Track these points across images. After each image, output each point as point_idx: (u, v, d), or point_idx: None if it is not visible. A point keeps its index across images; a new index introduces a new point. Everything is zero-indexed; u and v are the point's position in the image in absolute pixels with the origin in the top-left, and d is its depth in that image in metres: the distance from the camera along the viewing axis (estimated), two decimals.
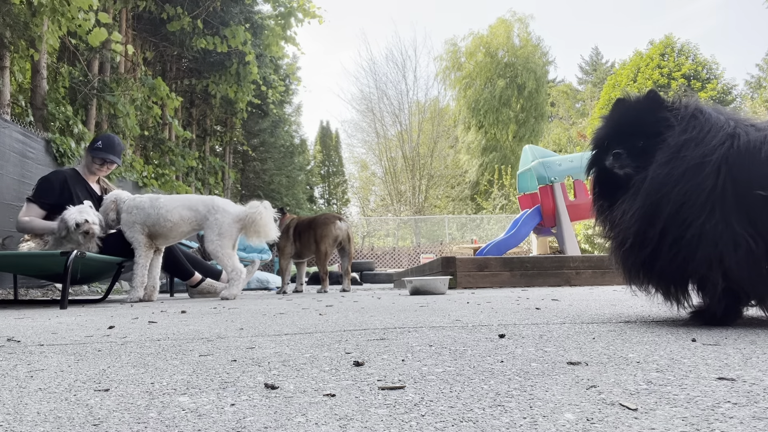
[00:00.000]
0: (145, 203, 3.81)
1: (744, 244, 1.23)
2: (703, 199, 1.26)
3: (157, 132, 11.29)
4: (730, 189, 1.26)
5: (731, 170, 1.27)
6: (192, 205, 3.83)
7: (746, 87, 28.46)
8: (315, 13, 10.71)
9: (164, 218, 3.75)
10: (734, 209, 1.25)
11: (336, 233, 4.84)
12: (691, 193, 1.28)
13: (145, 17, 10.54)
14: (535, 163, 6.95)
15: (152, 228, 3.77)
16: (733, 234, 1.24)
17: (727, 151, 1.28)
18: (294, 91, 21.95)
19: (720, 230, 1.25)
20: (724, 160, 1.27)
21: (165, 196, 3.95)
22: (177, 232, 3.84)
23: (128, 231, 3.77)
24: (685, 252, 1.30)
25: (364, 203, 36.02)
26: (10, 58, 6.28)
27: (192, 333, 1.53)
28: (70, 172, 4.19)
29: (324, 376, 0.87)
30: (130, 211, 3.78)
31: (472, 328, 1.47)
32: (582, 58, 49.64)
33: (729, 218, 1.24)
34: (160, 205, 3.78)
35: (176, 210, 3.78)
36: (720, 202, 1.26)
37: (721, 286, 1.29)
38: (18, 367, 1.04)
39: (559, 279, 4.66)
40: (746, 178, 1.26)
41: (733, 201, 1.25)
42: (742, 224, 1.24)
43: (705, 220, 1.25)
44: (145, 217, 3.75)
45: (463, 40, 28.89)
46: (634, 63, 21.07)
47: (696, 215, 1.27)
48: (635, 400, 0.67)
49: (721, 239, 1.24)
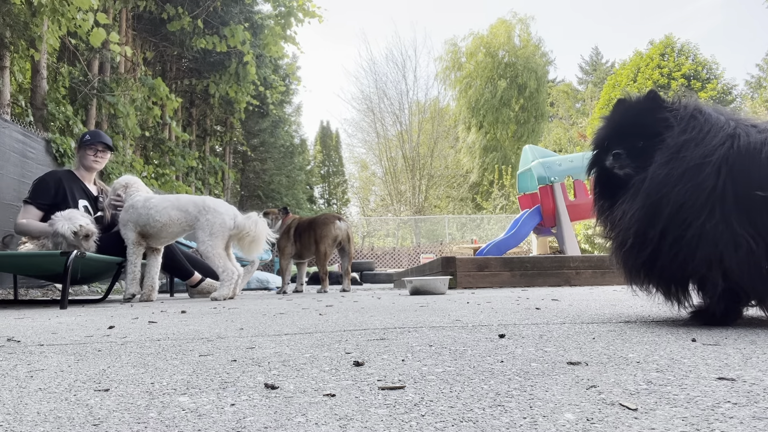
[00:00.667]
0: (139, 203, 3.81)
1: (744, 245, 1.23)
2: (703, 199, 1.26)
3: (157, 132, 11.30)
4: (731, 189, 1.26)
5: (731, 171, 1.26)
6: (182, 206, 3.80)
7: (746, 87, 28.47)
8: (315, 12, 10.73)
9: (154, 219, 3.74)
10: (734, 210, 1.25)
11: (336, 233, 4.84)
12: (691, 194, 1.28)
13: (145, 17, 10.55)
14: (535, 163, 6.95)
15: (143, 228, 3.77)
16: (733, 234, 1.24)
17: (728, 151, 1.28)
18: (294, 91, 21.97)
19: (720, 230, 1.24)
20: (724, 161, 1.27)
21: (157, 197, 3.94)
22: (167, 233, 3.83)
23: (122, 228, 3.79)
24: (685, 252, 1.30)
25: (364, 203, 36.03)
26: (10, 58, 6.28)
27: (192, 333, 1.53)
28: (65, 172, 4.18)
29: (324, 376, 0.87)
30: (127, 210, 3.79)
31: (472, 328, 1.47)
32: (582, 58, 49.63)
33: (729, 218, 1.24)
34: (151, 206, 3.78)
35: (165, 211, 3.75)
36: (720, 203, 1.25)
37: (721, 286, 1.29)
38: (18, 367, 1.04)
39: (559, 279, 4.66)
40: (746, 179, 1.26)
41: (733, 201, 1.25)
42: (742, 225, 1.24)
43: (705, 221, 1.25)
44: (137, 216, 3.76)
45: (464, 40, 28.93)
46: (634, 63, 21.08)
47: (696, 215, 1.27)
48: (635, 400, 0.67)
49: (721, 239, 1.24)
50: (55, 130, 6.65)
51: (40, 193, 3.88)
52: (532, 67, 26.80)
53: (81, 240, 3.42)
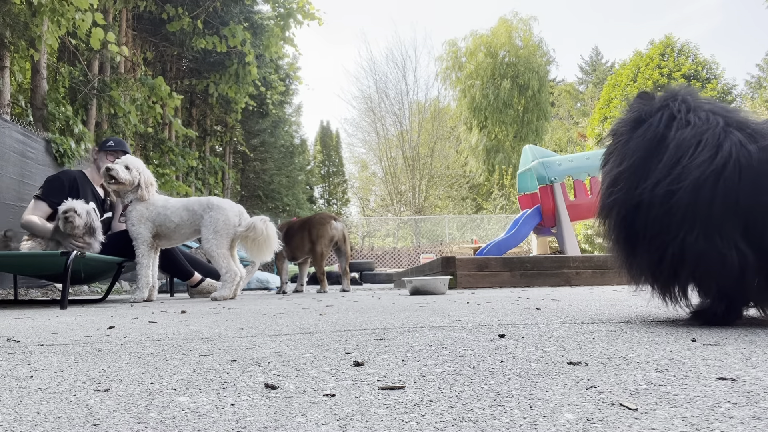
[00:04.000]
0: (159, 202, 3.83)
1: (730, 260, 1.22)
2: (679, 215, 1.26)
3: (158, 132, 11.29)
4: (719, 201, 1.24)
5: (722, 182, 1.24)
6: (189, 206, 3.83)
7: (746, 87, 28.47)
8: (315, 15, 10.72)
9: (169, 219, 3.77)
10: (722, 222, 1.24)
11: (332, 233, 4.82)
12: (666, 209, 1.28)
13: (145, 17, 10.55)
14: (535, 163, 6.95)
15: (159, 228, 3.79)
16: (716, 249, 1.23)
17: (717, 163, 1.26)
18: (294, 91, 21.93)
19: (702, 246, 1.24)
20: (712, 173, 1.25)
21: (172, 199, 4.00)
22: (179, 234, 3.86)
23: (137, 225, 3.74)
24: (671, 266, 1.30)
25: (364, 203, 36.03)
26: (10, 58, 6.28)
27: (192, 333, 1.53)
28: (78, 173, 4.22)
29: (324, 376, 0.87)
30: (147, 207, 3.78)
31: (472, 328, 1.47)
32: (582, 58, 49.63)
33: (712, 233, 1.24)
34: (168, 206, 3.83)
35: (178, 212, 3.79)
36: (703, 217, 1.24)
37: (717, 289, 1.29)
38: (18, 367, 1.04)
39: (559, 279, 4.66)
40: (740, 189, 1.24)
41: (721, 214, 1.24)
42: (729, 238, 1.23)
43: (685, 236, 1.25)
44: (155, 215, 3.76)
45: (464, 40, 28.89)
46: (634, 63, 21.05)
47: (675, 231, 1.27)
48: (635, 400, 0.67)
49: (705, 256, 1.24)
50: (55, 130, 6.65)
51: (54, 190, 3.89)
52: (533, 68, 26.76)
53: (60, 220, 3.44)
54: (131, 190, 3.78)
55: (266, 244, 3.77)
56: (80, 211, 3.50)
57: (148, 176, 3.85)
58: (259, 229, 3.73)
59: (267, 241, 3.76)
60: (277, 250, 3.93)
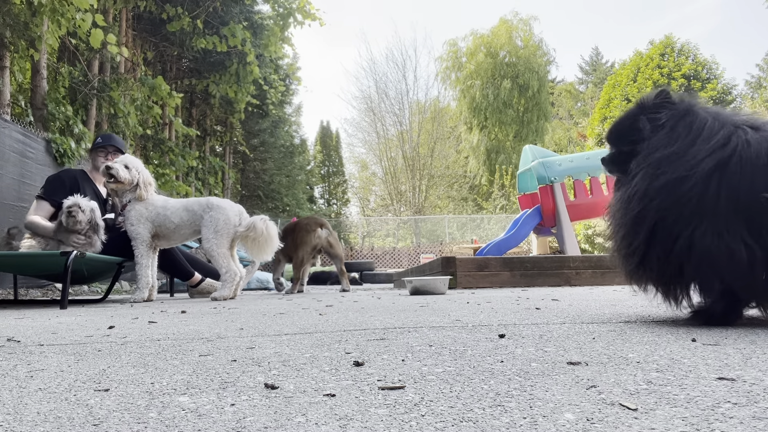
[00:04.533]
0: (159, 202, 3.83)
1: (738, 254, 1.22)
2: (688, 210, 1.26)
3: (158, 132, 11.29)
4: (725, 197, 1.24)
5: (727, 179, 1.25)
6: (189, 206, 3.83)
7: (746, 87, 28.46)
8: (315, 15, 10.71)
9: (169, 219, 3.77)
10: (729, 218, 1.24)
11: (315, 242, 4.76)
12: (674, 206, 1.28)
13: (145, 17, 10.55)
14: (535, 163, 6.95)
15: (158, 228, 3.79)
16: (725, 244, 1.23)
17: (721, 160, 1.27)
18: (294, 91, 21.94)
19: (710, 241, 1.24)
20: (716, 170, 1.26)
21: (172, 199, 4.00)
22: (179, 235, 3.86)
23: (135, 225, 3.73)
24: (677, 262, 1.31)
25: (364, 203, 36.02)
26: (10, 58, 6.27)
27: (192, 333, 1.53)
28: (79, 171, 4.23)
29: (324, 376, 0.87)
30: (146, 206, 3.77)
31: (472, 328, 1.47)
32: (582, 58, 49.59)
33: (720, 228, 1.24)
34: (168, 206, 3.83)
35: (177, 212, 3.80)
36: (711, 212, 1.25)
37: (719, 288, 1.29)
38: (18, 367, 1.04)
39: (559, 279, 4.66)
40: (747, 186, 1.24)
41: (727, 210, 1.24)
42: (737, 233, 1.23)
43: (694, 231, 1.25)
44: (155, 215, 3.76)
45: (464, 40, 28.89)
46: (634, 63, 21.04)
47: (683, 226, 1.27)
48: (635, 400, 0.67)
49: (713, 250, 1.24)
50: (55, 130, 6.64)
51: (55, 189, 3.90)
52: (533, 68, 26.77)
53: (63, 215, 3.45)
54: (129, 190, 3.78)
55: (266, 244, 3.77)
56: (84, 207, 3.51)
57: (146, 176, 3.84)
58: (259, 229, 3.72)
59: (267, 240, 3.76)
60: (277, 249, 3.93)
